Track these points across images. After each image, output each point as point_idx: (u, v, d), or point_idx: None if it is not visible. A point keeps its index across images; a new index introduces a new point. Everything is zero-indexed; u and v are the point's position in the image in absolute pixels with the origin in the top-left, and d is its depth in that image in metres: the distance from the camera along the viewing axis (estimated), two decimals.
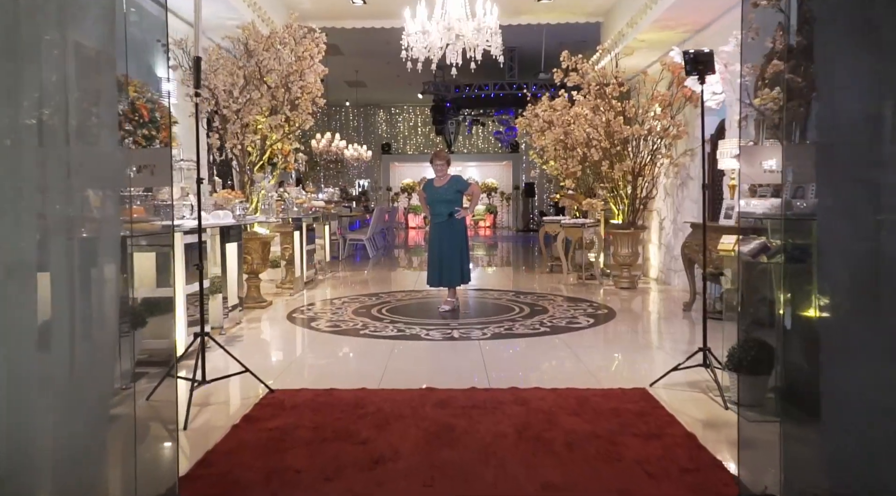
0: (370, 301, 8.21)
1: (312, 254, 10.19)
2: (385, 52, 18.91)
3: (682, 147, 8.98)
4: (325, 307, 7.82)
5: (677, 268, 9.15)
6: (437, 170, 7.52)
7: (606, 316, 7.11)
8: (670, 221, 9.54)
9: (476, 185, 7.80)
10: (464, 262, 7.54)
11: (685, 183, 9.02)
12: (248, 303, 7.75)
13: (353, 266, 12.82)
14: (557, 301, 8.09)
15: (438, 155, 7.53)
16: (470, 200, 7.72)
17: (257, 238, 7.70)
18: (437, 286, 7.62)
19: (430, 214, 7.64)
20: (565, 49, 17.63)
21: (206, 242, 6.05)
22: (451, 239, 7.46)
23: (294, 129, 7.79)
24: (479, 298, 8.41)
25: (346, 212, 14.79)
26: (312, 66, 7.42)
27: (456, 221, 7.47)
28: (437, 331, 6.38)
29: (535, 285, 9.74)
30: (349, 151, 20.17)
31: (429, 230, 7.73)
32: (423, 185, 7.84)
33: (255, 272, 7.81)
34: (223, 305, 6.36)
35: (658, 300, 8.34)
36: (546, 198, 25.28)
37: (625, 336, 6.28)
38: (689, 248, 7.16)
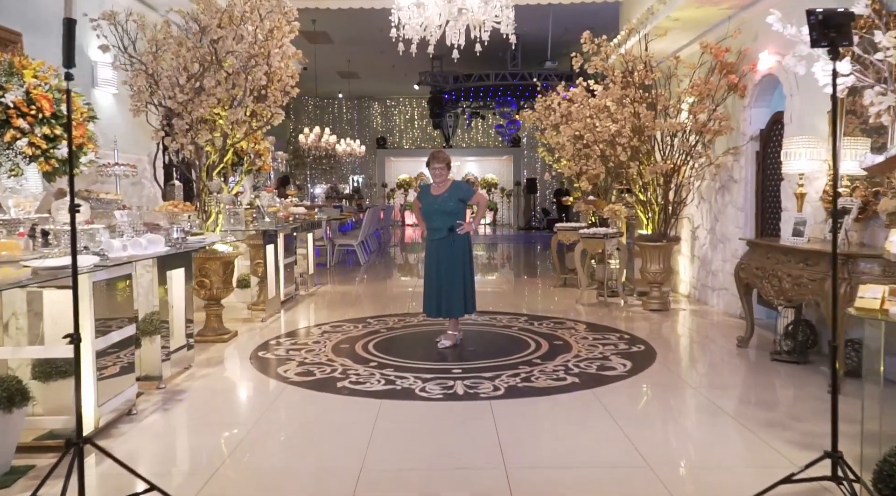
0: (356, 330, 6.75)
1: (292, 267, 8.74)
2: (378, 39, 17.32)
3: (721, 145, 7.53)
4: (301, 340, 6.37)
5: (716, 285, 7.71)
6: (436, 174, 6.08)
7: (644, 356, 5.67)
8: (706, 231, 8.09)
9: (482, 193, 6.32)
10: (468, 288, 6.10)
11: (726, 186, 7.57)
12: (207, 336, 6.30)
13: (342, 275, 11.37)
14: (579, 331, 6.65)
15: (437, 156, 6.08)
16: (475, 212, 6.27)
17: (217, 257, 6.24)
18: (434, 317, 6.18)
19: (427, 229, 6.20)
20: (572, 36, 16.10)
21: (137, 274, 4.60)
22: (453, 259, 6.02)
23: (262, 125, 6.31)
24: (484, 325, 6.97)
25: (335, 213, 13.32)
26: (282, 47, 5.93)
27: (458, 238, 6.03)
28: (436, 381, 4.94)
29: (549, 305, 8.30)
30: (341, 146, 18.69)
31: (424, 248, 6.29)
32: (418, 192, 6.38)
33: (215, 298, 6.36)
34: (164, 349, 4.91)
35: (700, 329, 6.90)
36: (548, 194, 23.86)
37: (680, 394, 4.83)
38: (748, 271, 5.71)
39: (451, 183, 6.13)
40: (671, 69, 7.68)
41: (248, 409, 4.59)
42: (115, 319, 4.14)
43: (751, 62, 6.97)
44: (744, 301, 5.89)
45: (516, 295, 9.20)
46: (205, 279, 6.24)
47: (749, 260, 5.76)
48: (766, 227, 6.96)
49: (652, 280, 7.64)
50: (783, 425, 4.03)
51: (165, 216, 5.34)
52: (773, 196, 6.82)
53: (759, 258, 5.60)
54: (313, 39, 16.05)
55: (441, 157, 6.07)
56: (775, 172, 6.77)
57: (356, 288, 9.92)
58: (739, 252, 7.16)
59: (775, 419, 4.16)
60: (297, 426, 4.27)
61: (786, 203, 6.31)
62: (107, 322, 4.02)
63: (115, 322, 4.13)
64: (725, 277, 7.51)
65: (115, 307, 4.15)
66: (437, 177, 6.08)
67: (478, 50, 6.53)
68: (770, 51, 6.61)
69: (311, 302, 8.69)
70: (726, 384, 5.09)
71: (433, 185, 6.17)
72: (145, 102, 5.75)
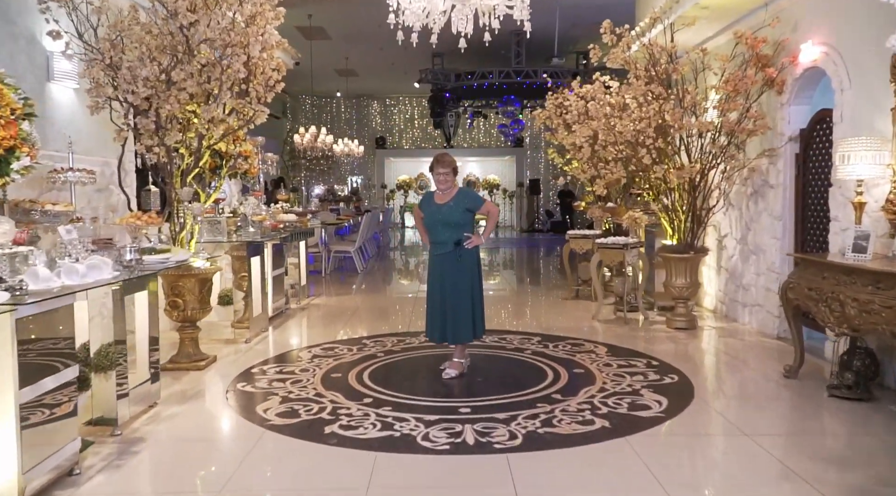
0: (349, 354, 5.98)
1: (282, 279, 7.96)
2: (377, 36, 16.52)
3: (753, 146, 6.75)
4: (288, 366, 5.59)
5: (748, 301, 6.94)
6: (440, 180, 5.30)
7: (679, 390, 4.89)
8: (735, 240, 7.31)
9: (493, 203, 5.54)
10: (476, 310, 5.32)
11: (760, 192, 6.79)
12: (181, 363, 5.53)
13: (338, 284, 10.58)
14: (600, 355, 5.88)
15: (441, 160, 5.30)
16: (485, 223, 5.50)
17: (192, 274, 5.47)
18: (439, 342, 5.41)
19: (429, 243, 5.42)
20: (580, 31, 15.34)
21: (89, 300, 3.82)
22: (459, 277, 5.24)
23: (243, 124, 5.53)
24: (493, 348, 6.19)
25: (331, 217, 12.53)
26: (263, 35, 5.14)
27: (465, 253, 5.25)
28: (441, 425, 4.16)
29: (563, 321, 7.52)
30: (339, 146, 17.91)
31: (427, 264, 5.51)
32: (420, 200, 5.61)
33: (190, 320, 5.58)
34: (121, 387, 4.13)
35: (735, 352, 6.11)
36: (552, 196, 23.07)
37: (732, 444, 4.05)
38: (798, 292, 4.93)
39: (457, 190, 5.36)
40: (697, 63, 6.89)
41: (215, 467, 3.79)
42: (52, 360, 3.37)
43: (790, 54, 6.20)
44: (792, 326, 5.11)
45: (526, 309, 8.42)
46: (178, 299, 5.47)
47: (799, 279, 4.98)
48: (808, 239, 6.19)
49: (677, 295, 6.87)
50: (873, 494, 3.26)
51: (127, 230, 4.57)
52: (817, 204, 6.04)
53: (813, 277, 4.81)
54: (309, 35, 15.26)
55: (446, 161, 5.30)
56: (820, 177, 5.99)
57: (352, 299, 9.14)
58: (777, 265, 6.40)
59: (858, 483, 3.39)
60: (272, 492, 3.49)
61: (835, 212, 5.53)
62: (39, 365, 3.25)
63: (52, 363, 3.36)
64: (759, 293, 6.73)
65: (51, 345, 3.38)
66: (442, 183, 5.30)
67: (486, 39, 5.74)
68: (815, 41, 5.84)
69: (303, 317, 7.91)
70: (785, 430, 4.30)
71: (437, 193, 5.39)
72: (107, 98, 4.96)
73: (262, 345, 6.46)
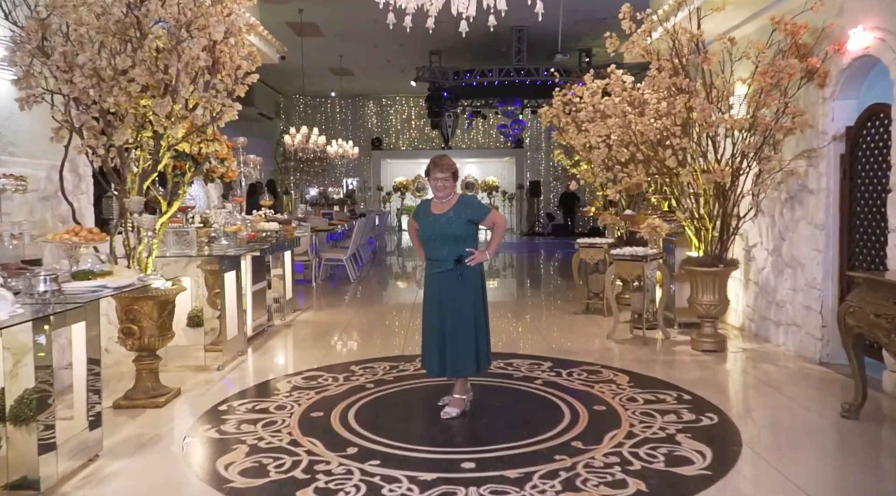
0: (335, 385, 5.17)
1: (264, 294, 7.16)
2: (372, 32, 15.66)
3: (788, 147, 5.96)
4: (261, 403, 4.79)
5: (783, 319, 6.15)
6: (438, 186, 4.50)
7: (722, 435, 4.10)
8: (767, 251, 6.52)
9: (499, 213, 4.71)
10: (480, 338, 4.52)
11: (797, 198, 6.00)
12: (137, 399, 4.72)
13: (329, 295, 9.78)
14: (622, 385, 5.08)
15: (439, 163, 4.50)
16: (490, 237, 4.69)
17: (150, 297, 4.66)
18: (437, 376, 4.60)
19: (425, 259, 4.62)
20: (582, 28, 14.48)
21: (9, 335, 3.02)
22: (461, 300, 4.45)
23: (210, 120, 4.72)
24: (498, 376, 5.39)
25: (322, 223, 11.72)
26: (229, 16, 4.32)
27: (468, 271, 4.46)
28: (440, 490, 3.35)
29: (575, 341, 6.73)
30: (332, 147, 17.10)
31: (423, 283, 4.70)
32: (414, 210, 4.80)
33: (148, 349, 4.78)
34: (44, 442, 3.33)
35: (776, 383, 5.31)
36: (553, 198, 22.30)
37: None
38: (861, 317, 4.14)
39: (457, 198, 4.55)
40: (724, 53, 6.09)
41: None
42: None
43: (835, 41, 5.41)
44: (852, 357, 4.31)
45: (532, 325, 7.62)
46: (133, 326, 4.66)
47: (861, 302, 4.18)
48: (858, 253, 5.39)
49: (704, 314, 6.07)
50: None
51: (62, 248, 3.76)
52: (868, 212, 5.25)
53: (880, 301, 4.02)
54: (301, 31, 14.44)
55: (444, 165, 4.50)
56: (872, 182, 5.20)
57: (343, 312, 8.33)
58: (819, 281, 5.62)
59: None
60: None
61: (895, 222, 4.74)
62: None
63: None
64: (796, 311, 5.94)
65: None
66: (440, 190, 4.50)
67: (491, 23, 4.95)
68: (866, 26, 5.05)
69: (287, 336, 7.10)
70: (865, 493, 3.50)
71: (434, 202, 4.59)
72: (44, 90, 4.15)
73: (237, 372, 5.66)
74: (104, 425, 3.91)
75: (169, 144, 4.60)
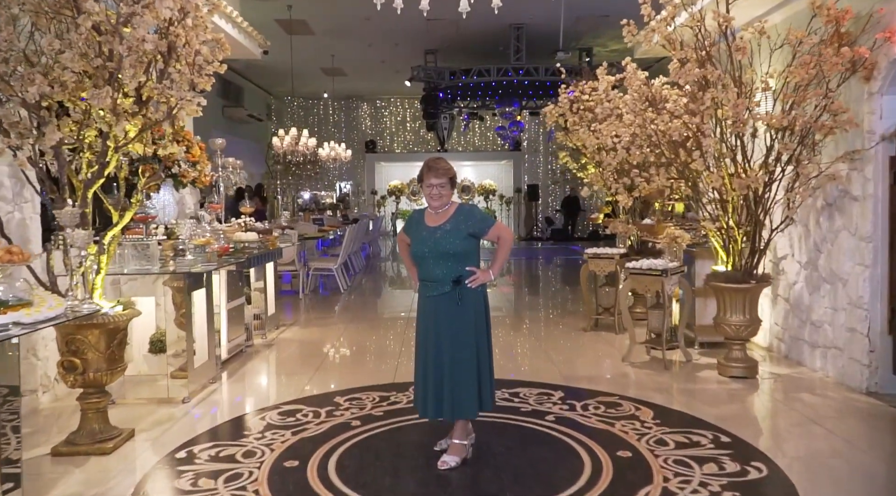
0: (315, 423, 4.44)
1: (241, 311, 6.44)
2: (365, 30, 14.92)
3: (828, 148, 5.26)
4: (226, 450, 4.06)
5: (820, 341, 5.45)
6: (433, 194, 3.79)
7: (775, 491, 3.39)
8: (800, 264, 5.82)
9: (504, 224, 3.97)
10: (483, 373, 3.81)
11: (837, 205, 5.31)
12: (80, 445, 3.99)
13: (317, 307, 9.06)
14: (647, 422, 4.37)
15: (433, 167, 3.79)
16: (496, 254, 3.97)
17: (95, 325, 3.93)
18: (432, 418, 3.87)
19: (418, 280, 3.91)
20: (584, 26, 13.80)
21: None
22: (460, 328, 3.74)
23: (165, 118, 3.99)
24: (503, 411, 4.67)
25: (311, 229, 10.99)
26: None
27: (469, 294, 3.75)
28: None
29: (587, 364, 6.03)
30: (324, 150, 16.38)
31: (416, 308, 3.98)
32: (406, 223, 4.09)
33: (94, 385, 4.05)
34: None
35: (824, 417, 4.61)
36: (551, 202, 21.62)
37: None
38: None
39: (455, 209, 3.84)
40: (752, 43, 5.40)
41: None
42: None
43: (886, 29, 4.72)
44: None
45: (537, 345, 6.91)
46: (75, 359, 3.93)
47: None
48: None
49: (733, 335, 5.37)
50: None
51: None
52: None
53: None
54: (290, 29, 13.73)
55: (440, 169, 3.78)
56: None
57: (330, 329, 7.60)
58: (866, 300, 4.93)
59: None
60: None
61: None
62: None
63: None
64: (838, 333, 5.25)
65: None
66: (436, 199, 3.79)
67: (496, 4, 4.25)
68: None
69: (266, 358, 6.38)
70: None
71: (428, 213, 3.88)
72: None
73: (205, 405, 4.93)
74: (40, 476, 3.19)
75: (117, 145, 3.88)
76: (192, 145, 6.14)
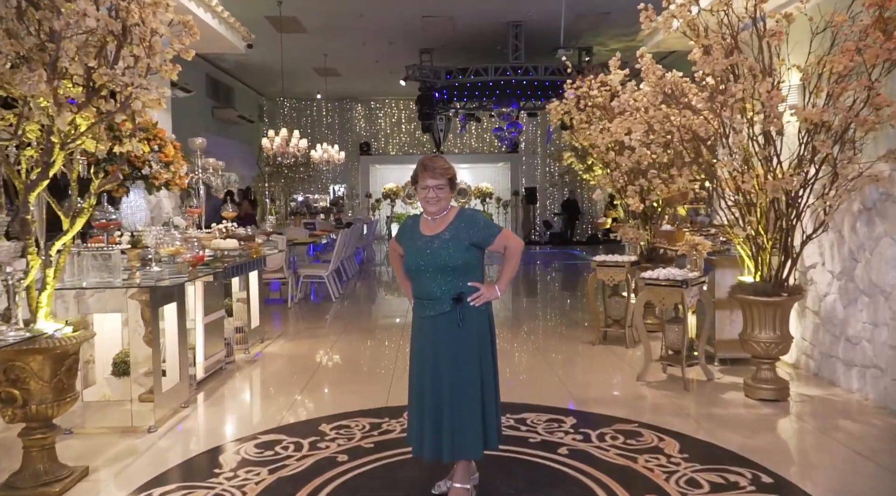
0: (296, 457, 3.89)
1: (221, 326, 5.88)
2: (359, 28, 14.36)
3: (866, 147, 4.73)
4: (194, 490, 3.50)
5: (857, 360, 4.92)
6: (429, 198, 3.25)
7: None
8: (831, 274, 5.29)
9: (512, 233, 3.42)
10: (488, 406, 3.26)
11: (878, 209, 4.77)
12: (24, 489, 3.42)
13: (306, 317, 8.50)
14: (673, 456, 3.82)
15: (430, 166, 3.24)
16: (503, 266, 3.41)
17: (40, 351, 3.37)
18: (430, 459, 3.31)
19: (413, 297, 3.36)
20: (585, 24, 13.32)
21: None
22: (462, 353, 3.19)
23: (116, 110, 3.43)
24: (511, 444, 4.11)
25: (301, 234, 10.44)
26: None
27: (471, 314, 3.20)
28: None
29: (599, 385, 5.49)
30: (317, 152, 15.82)
31: (411, 329, 3.43)
32: (398, 230, 3.54)
33: (38, 420, 3.48)
34: None
35: (872, 448, 4.07)
36: (549, 205, 21.10)
37: None
38: None
39: (455, 214, 3.30)
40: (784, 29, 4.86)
41: None
42: None
43: None
44: None
45: (542, 360, 6.36)
46: (13, 390, 3.37)
47: None
48: None
49: (762, 354, 4.83)
50: None
51: None
52: None
53: None
54: (281, 27, 13.18)
55: (438, 168, 3.24)
56: None
57: (320, 342, 7.04)
58: None
59: None
60: None
61: None
62: None
63: None
64: (878, 351, 4.71)
65: None
66: (433, 203, 3.24)
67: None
68: None
69: (248, 376, 5.82)
70: None
71: (423, 219, 3.33)
72: None
73: (172, 436, 4.36)
74: None
75: (63, 141, 3.32)
76: (164, 144, 5.58)
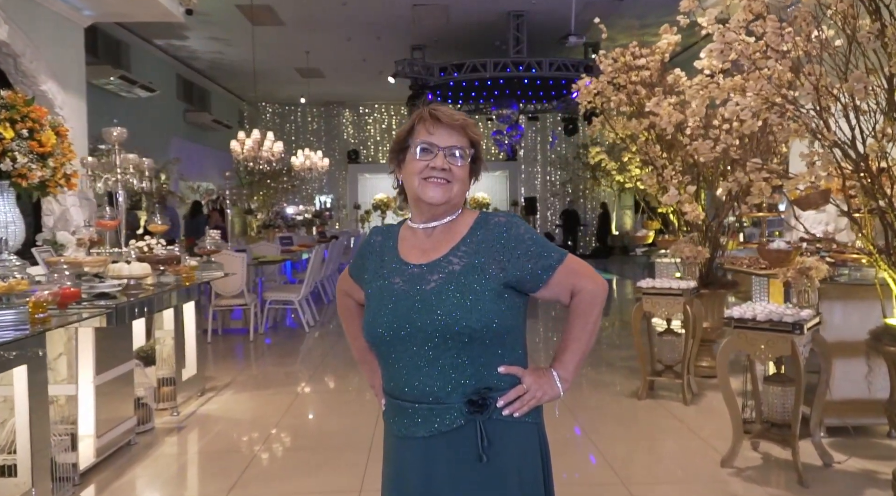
0: None
1: (130, 382, 4.13)
2: (342, 20, 12.68)
3: None
4: None
5: None
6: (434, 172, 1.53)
7: None
8: None
9: (585, 264, 1.68)
10: None
11: None
12: None
13: (269, 356, 6.74)
14: None
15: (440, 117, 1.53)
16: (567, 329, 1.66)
17: None
18: None
19: (383, 394, 1.62)
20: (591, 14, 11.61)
21: None
22: None
23: None
24: None
25: (270, 251, 8.70)
26: None
27: (508, 434, 1.47)
28: None
29: (660, 467, 3.76)
30: (298, 159, 14.12)
31: (383, 457, 1.70)
32: (356, 256, 1.79)
33: None
34: None
35: None
36: (550, 216, 19.43)
37: None
38: None
39: (474, 221, 1.59)
40: None
41: None
42: None
43: None
44: None
45: (572, 422, 4.62)
46: None
47: None
48: None
49: None
50: None
51: None
52: None
53: None
54: (254, 17, 11.49)
55: (455, 122, 1.53)
56: None
57: (278, 394, 5.29)
58: None
59: None
60: None
61: None
62: None
63: None
64: None
65: None
66: (439, 186, 1.53)
67: None
68: None
69: (166, 455, 4.05)
70: None
71: (406, 232, 1.63)
72: None
73: None
74: None
75: None
76: (41, 128, 3.85)
